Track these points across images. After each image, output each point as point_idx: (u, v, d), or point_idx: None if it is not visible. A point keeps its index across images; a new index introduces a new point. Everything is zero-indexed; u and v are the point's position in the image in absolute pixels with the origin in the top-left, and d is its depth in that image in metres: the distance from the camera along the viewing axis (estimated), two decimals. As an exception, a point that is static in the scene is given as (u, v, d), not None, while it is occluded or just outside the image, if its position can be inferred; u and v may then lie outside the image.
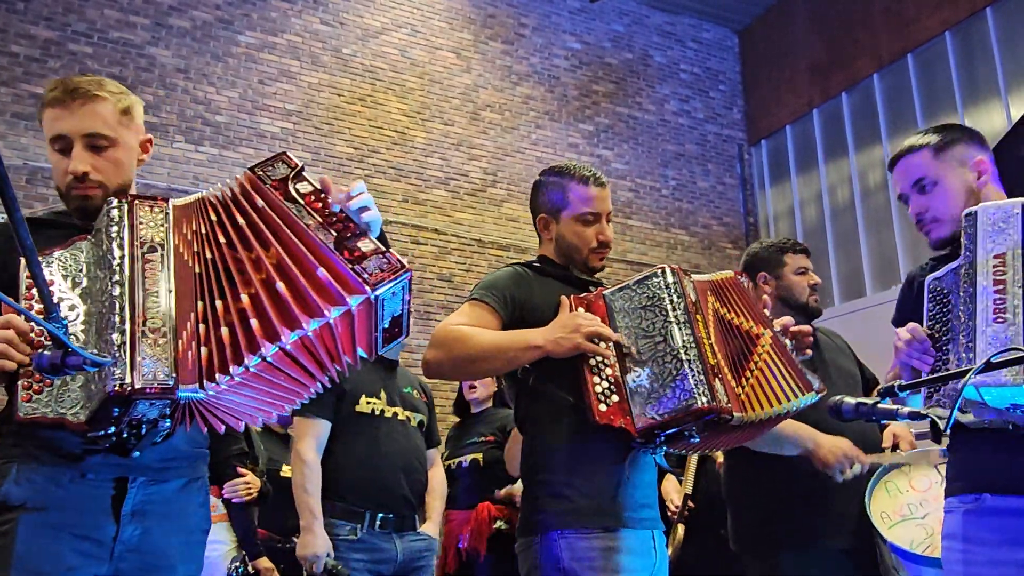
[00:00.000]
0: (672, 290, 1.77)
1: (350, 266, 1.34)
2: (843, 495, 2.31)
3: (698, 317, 1.77)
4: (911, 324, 1.64)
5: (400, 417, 2.89)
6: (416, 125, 7.38)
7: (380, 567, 2.71)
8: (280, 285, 1.32)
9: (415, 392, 3.03)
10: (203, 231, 1.40)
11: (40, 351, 1.16)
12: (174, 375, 1.28)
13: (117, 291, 1.32)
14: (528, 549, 1.81)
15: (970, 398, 1.46)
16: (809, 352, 1.95)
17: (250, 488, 3.15)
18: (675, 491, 3.63)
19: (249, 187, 1.45)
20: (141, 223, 1.39)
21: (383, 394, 2.86)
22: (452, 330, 1.84)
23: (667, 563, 1.90)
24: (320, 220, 1.39)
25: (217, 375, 1.29)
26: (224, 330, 1.31)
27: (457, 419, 4.00)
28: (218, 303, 1.33)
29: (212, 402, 1.35)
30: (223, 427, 1.41)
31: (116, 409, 1.29)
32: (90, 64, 6.29)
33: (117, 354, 1.27)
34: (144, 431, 1.39)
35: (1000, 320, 1.45)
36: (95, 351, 1.25)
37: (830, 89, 8.23)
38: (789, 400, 1.79)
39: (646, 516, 1.85)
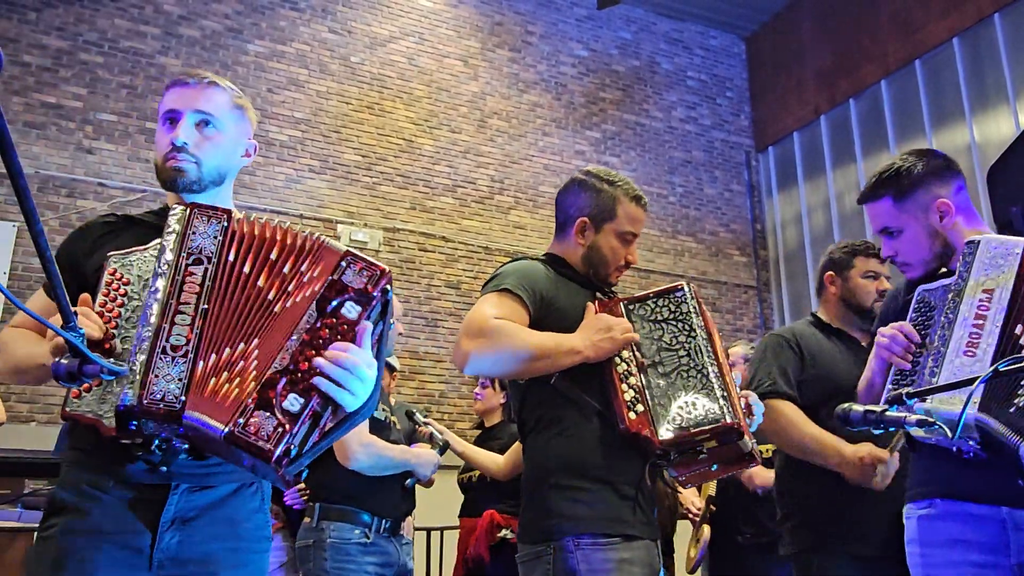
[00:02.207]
0: (694, 308, 1.80)
1: (251, 404, 1.24)
2: (879, 501, 2.29)
3: (713, 336, 1.80)
4: (903, 323, 1.66)
5: (397, 427, 2.97)
6: (423, 133, 7.41)
7: (386, 571, 2.75)
8: (240, 364, 1.29)
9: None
10: (277, 267, 1.35)
11: (58, 359, 1.17)
12: (182, 399, 1.25)
13: (151, 301, 1.30)
14: (537, 559, 1.74)
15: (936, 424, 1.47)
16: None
17: (307, 492, 3.17)
18: (693, 494, 3.64)
19: (323, 264, 1.35)
20: (194, 232, 1.35)
21: (385, 404, 2.94)
22: (495, 323, 1.73)
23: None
24: (307, 343, 1.28)
25: (243, 417, 1.25)
26: (230, 381, 1.28)
27: (477, 431, 4.03)
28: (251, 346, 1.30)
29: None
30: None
31: (132, 424, 1.27)
32: (101, 73, 6.34)
33: (135, 368, 1.25)
34: (170, 449, 1.36)
35: (969, 354, 1.47)
36: (113, 360, 1.25)
37: (837, 96, 8.23)
38: None
39: (655, 527, 1.84)
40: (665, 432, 1.69)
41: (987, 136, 6.80)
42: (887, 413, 1.45)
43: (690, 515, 3.57)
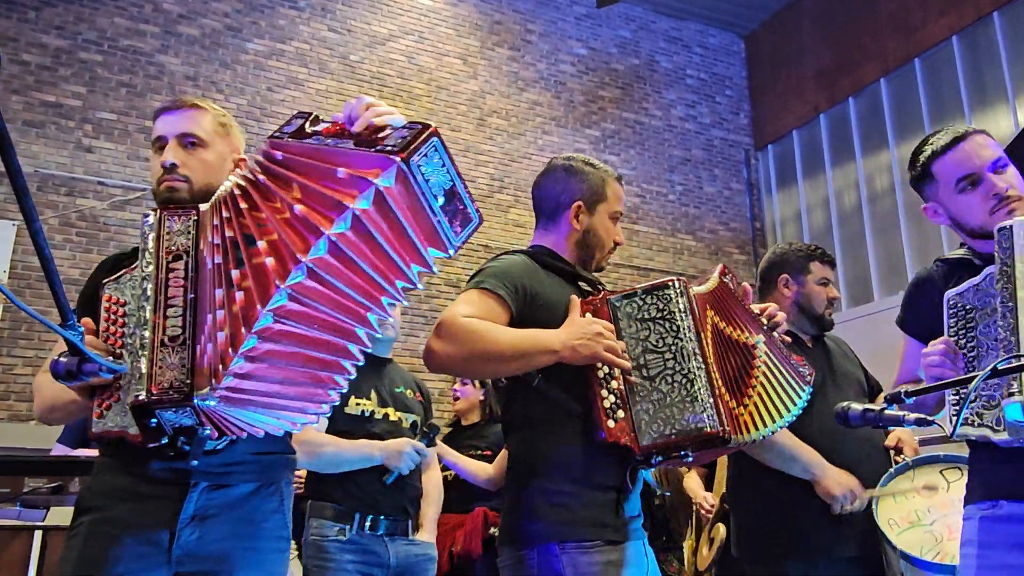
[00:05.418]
0: (683, 305, 1.72)
1: (370, 151, 1.21)
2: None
3: (703, 335, 1.73)
4: (944, 339, 1.62)
5: (392, 418, 2.81)
6: (423, 131, 7.40)
7: (372, 570, 2.65)
8: (299, 207, 1.23)
9: (409, 391, 2.93)
10: (224, 215, 1.38)
11: (57, 358, 1.17)
12: (188, 382, 1.29)
13: (143, 303, 1.36)
14: (521, 563, 1.71)
15: (1013, 421, 1.42)
16: (784, 325, 1.94)
17: (300, 480, 3.09)
18: (698, 486, 3.58)
19: (268, 148, 1.38)
20: (169, 232, 1.41)
21: (373, 395, 2.79)
22: (465, 323, 1.68)
23: (657, 570, 1.87)
24: (338, 138, 1.28)
25: (230, 352, 1.24)
26: (239, 295, 1.25)
27: (448, 429, 4.00)
28: (235, 273, 1.29)
29: (229, 408, 1.32)
30: (244, 434, 1.40)
31: (152, 420, 1.32)
32: (100, 72, 6.34)
33: (140, 366, 1.29)
34: (196, 439, 1.42)
35: None
36: (113, 359, 1.27)
37: (837, 94, 8.23)
38: (787, 412, 1.79)
39: (637, 526, 1.81)
40: (646, 439, 1.65)
41: (986, 134, 6.79)
42: (886, 412, 1.45)
43: (702, 511, 3.51)
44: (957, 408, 1.55)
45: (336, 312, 1.31)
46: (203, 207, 1.45)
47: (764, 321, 1.87)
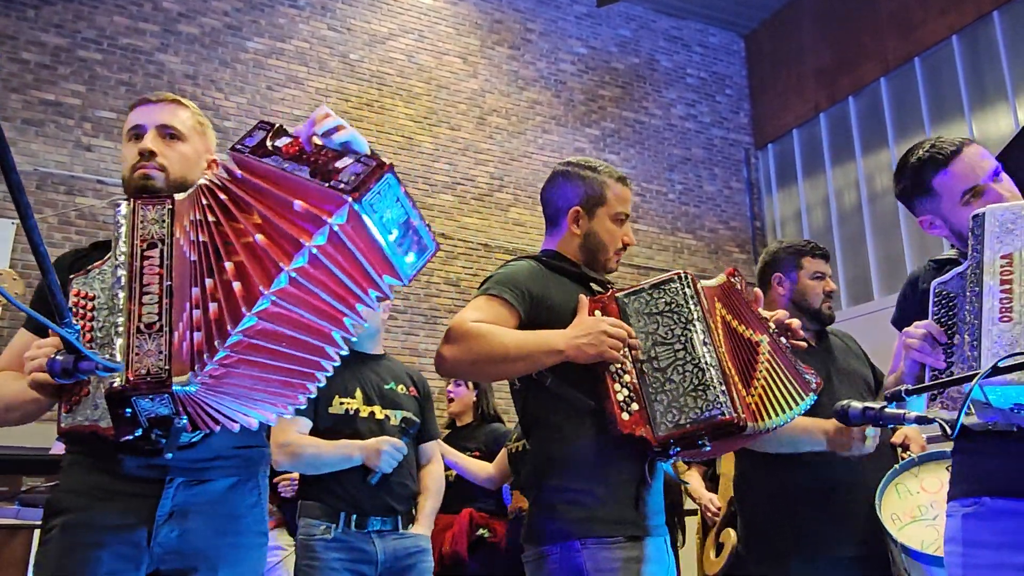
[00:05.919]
0: (691, 297, 1.74)
1: (324, 185, 1.23)
2: (853, 501, 2.30)
3: (712, 325, 1.74)
4: (927, 321, 1.64)
5: (378, 416, 2.79)
6: (423, 130, 7.40)
7: (361, 567, 2.62)
8: (259, 237, 1.26)
9: (401, 387, 2.90)
10: (197, 217, 1.37)
11: (53, 356, 1.17)
12: (167, 368, 1.26)
13: (116, 291, 1.34)
14: (543, 559, 1.74)
15: (975, 398, 1.45)
16: (804, 344, 1.94)
17: (296, 482, 3.04)
18: (699, 485, 3.54)
19: (231, 163, 1.40)
20: (143, 221, 1.39)
21: (359, 393, 2.77)
22: (472, 327, 1.72)
23: (675, 568, 1.88)
24: (296, 162, 1.30)
25: (205, 355, 1.25)
26: (213, 306, 1.26)
27: (446, 431, 4.02)
28: (208, 281, 1.29)
29: (207, 396, 1.31)
30: (217, 427, 1.37)
31: (127, 410, 1.29)
32: (100, 71, 6.33)
33: (115, 354, 1.27)
34: (171, 431, 1.39)
35: (1006, 319, 1.46)
36: (107, 356, 1.26)
37: (837, 93, 8.23)
38: (791, 408, 1.79)
39: (660, 523, 1.82)
40: (662, 430, 1.67)
41: (986, 133, 6.79)
42: (886, 410, 1.45)
43: (707, 514, 3.46)
44: (938, 398, 1.56)
45: (300, 333, 1.33)
46: (178, 197, 1.43)
47: (771, 325, 1.88)
